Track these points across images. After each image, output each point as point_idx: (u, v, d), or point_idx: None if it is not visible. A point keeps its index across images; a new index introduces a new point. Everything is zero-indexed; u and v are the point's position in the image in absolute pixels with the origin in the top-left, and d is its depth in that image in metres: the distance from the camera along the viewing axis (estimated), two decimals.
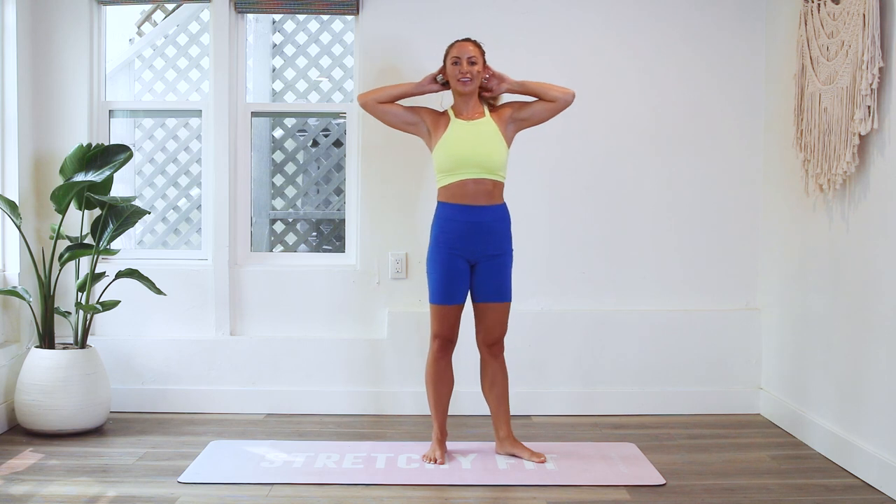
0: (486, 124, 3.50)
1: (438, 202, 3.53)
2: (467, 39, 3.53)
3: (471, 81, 3.47)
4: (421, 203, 4.29)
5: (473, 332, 3.62)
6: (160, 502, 3.04)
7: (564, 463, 3.50)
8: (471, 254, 3.48)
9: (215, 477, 3.30)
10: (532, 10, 4.33)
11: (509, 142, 3.54)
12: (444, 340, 3.53)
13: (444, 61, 3.54)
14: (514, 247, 3.60)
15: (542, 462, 3.48)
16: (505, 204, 3.55)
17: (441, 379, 3.56)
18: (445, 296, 3.48)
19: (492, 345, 3.57)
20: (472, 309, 3.60)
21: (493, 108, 3.57)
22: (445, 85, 3.58)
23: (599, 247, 4.36)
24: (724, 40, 4.36)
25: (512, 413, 4.06)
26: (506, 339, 3.63)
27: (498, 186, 3.50)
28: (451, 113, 3.54)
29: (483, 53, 3.53)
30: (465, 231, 3.46)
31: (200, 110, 4.49)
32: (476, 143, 3.45)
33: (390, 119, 3.57)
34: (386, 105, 3.55)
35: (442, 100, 3.70)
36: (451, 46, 3.54)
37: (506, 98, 3.65)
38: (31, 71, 4.19)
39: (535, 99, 3.57)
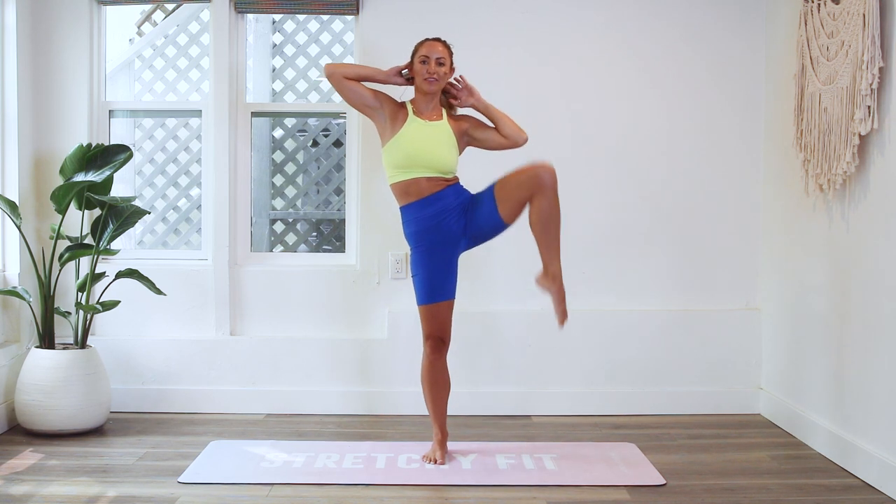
0: (443, 127, 3.48)
1: (400, 207, 3.50)
2: (437, 39, 3.50)
3: (436, 82, 3.45)
4: None
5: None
6: (160, 502, 3.04)
7: (564, 463, 3.49)
8: (450, 236, 3.44)
9: (215, 477, 3.30)
10: (532, 9, 4.33)
11: (461, 151, 3.53)
12: (436, 340, 3.49)
13: (412, 58, 3.50)
14: (514, 246, 3.59)
15: (563, 322, 3.40)
16: (458, 181, 3.49)
17: (437, 380, 3.54)
18: (429, 294, 3.46)
19: (536, 189, 3.31)
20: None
21: (451, 115, 3.55)
22: (410, 80, 3.56)
23: (599, 246, 4.36)
24: (724, 40, 4.36)
25: (512, 413, 4.08)
26: (506, 340, 3.61)
27: (451, 179, 3.48)
28: (409, 108, 3.51)
29: (451, 55, 3.51)
30: (433, 223, 3.42)
31: (200, 110, 4.49)
32: (432, 144, 3.43)
33: (352, 97, 3.52)
34: (352, 82, 3.50)
35: (402, 94, 3.67)
36: (420, 44, 3.51)
37: (468, 110, 3.62)
38: (31, 71, 4.19)
39: (492, 125, 3.54)
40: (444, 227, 3.43)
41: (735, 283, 4.40)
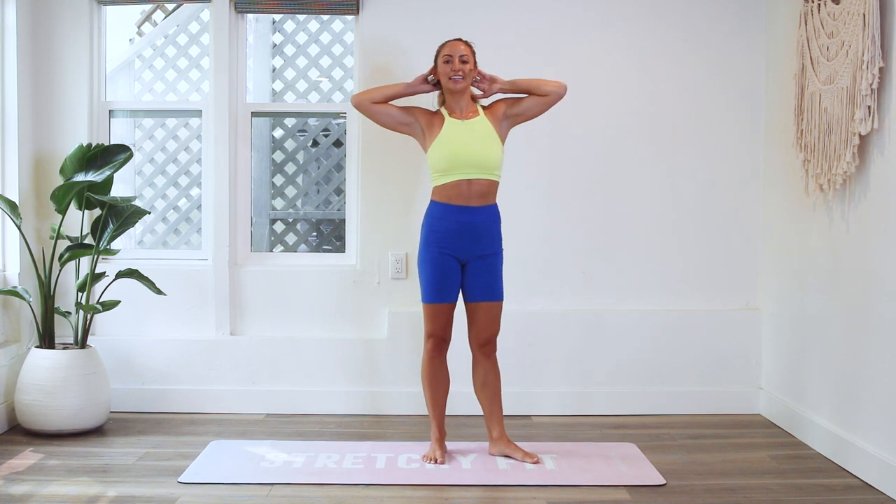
0: (481, 123, 3.50)
1: (431, 201, 3.54)
2: (458, 39, 3.54)
3: (462, 80, 3.47)
4: (421, 203, 4.27)
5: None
6: (160, 502, 3.04)
7: (564, 463, 3.50)
8: (461, 253, 3.48)
9: (215, 477, 3.30)
10: (532, 9, 4.33)
11: (503, 139, 3.55)
12: (438, 339, 3.53)
13: (436, 61, 3.54)
14: (514, 246, 3.60)
15: (536, 462, 3.47)
16: (496, 205, 3.55)
17: (437, 378, 3.57)
18: (437, 294, 3.48)
19: (483, 344, 3.55)
20: (464, 309, 3.59)
21: (486, 107, 3.58)
22: (437, 85, 3.58)
23: (599, 246, 4.36)
24: (724, 40, 4.36)
25: (512, 413, 4.08)
26: (506, 340, 3.63)
27: (493, 186, 3.51)
28: (444, 112, 3.54)
29: (474, 53, 3.54)
30: (455, 230, 3.46)
31: (200, 110, 4.49)
32: (471, 142, 3.45)
33: (384, 119, 3.57)
34: (380, 105, 3.55)
35: (435, 100, 3.69)
36: (442, 46, 3.55)
37: (496, 97, 3.65)
38: (31, 71, 4.19)
39: (525, 94, 3.58)
40: (462, 240, 3.47)
41: (735, 283, 4.40)
